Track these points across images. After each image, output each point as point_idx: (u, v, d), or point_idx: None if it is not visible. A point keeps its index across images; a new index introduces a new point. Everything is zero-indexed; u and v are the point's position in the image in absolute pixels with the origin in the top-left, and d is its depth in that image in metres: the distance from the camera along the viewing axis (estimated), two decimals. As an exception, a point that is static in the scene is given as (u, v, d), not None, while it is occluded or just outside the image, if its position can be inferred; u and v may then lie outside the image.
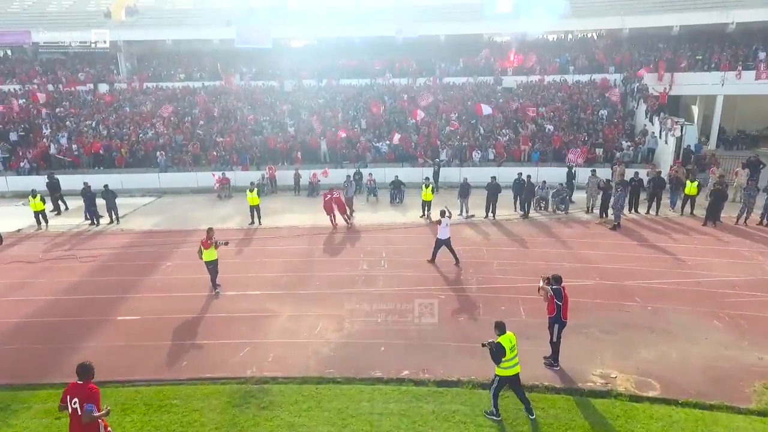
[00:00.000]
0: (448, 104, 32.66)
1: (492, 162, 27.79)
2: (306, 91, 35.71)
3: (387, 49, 38.74)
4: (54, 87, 37.21)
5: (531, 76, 36.16)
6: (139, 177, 27.26)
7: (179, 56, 40.09)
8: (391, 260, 15.91)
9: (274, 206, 22.99)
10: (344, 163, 28.03)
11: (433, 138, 28.69)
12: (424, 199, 20.33)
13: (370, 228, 19.48)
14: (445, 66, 37.64)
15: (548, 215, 20.71)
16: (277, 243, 17.97)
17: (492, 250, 16.66)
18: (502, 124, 30.32)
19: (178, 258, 16.55)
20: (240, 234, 19.02)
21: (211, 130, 30.52)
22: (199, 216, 21.67)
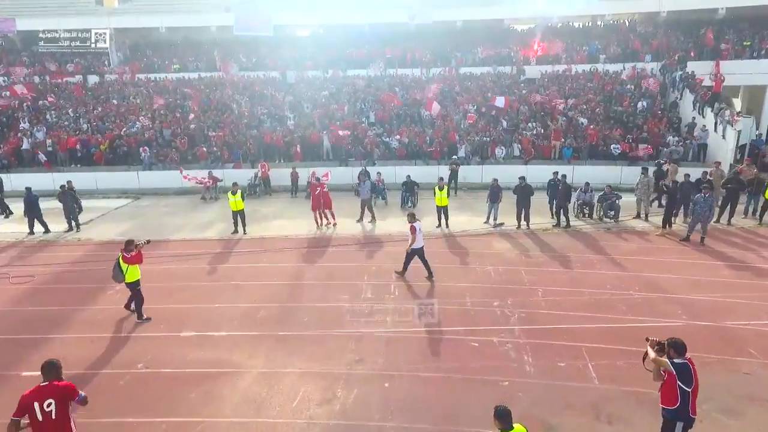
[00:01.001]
0: (466, 96, 28.66)
1: (517, 159, 23.77)
2: (310, 83, 31.89)
3: (398, 37, 34.80)
4: (41, 78, 33.78)
5: (557, 65, 32.07)
6: (116, 176, 23.59)
7: (174, 45, 36.46)
8: (402, 285, 12.01)
9: (266, 210, 19.18)
10: (349, 161, 24.16)
11: (451, 132, 24.71)
12: (438, 204, 16.40)
13: (377, 239, 15.60)
14: (462, 55, 33.60)
15: (593, 223, 16.68)
16: (260, 258, 14.15)
17: (532, 271, 12.68)
18: (528, 116, 26.26)
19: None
20: (217, 246, 15.23)
21: (203, 124, 26.79)
22: (175, 222, 17.92)
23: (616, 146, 22.98)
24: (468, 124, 25.87)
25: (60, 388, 5.49)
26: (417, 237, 11.89)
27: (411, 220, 12.07)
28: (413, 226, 11.88)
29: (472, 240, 15.26)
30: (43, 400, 5.37)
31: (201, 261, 13.92)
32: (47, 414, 5.36)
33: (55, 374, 5.57)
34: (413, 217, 12.25)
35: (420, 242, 12.01)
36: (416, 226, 11.90)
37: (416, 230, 11.86)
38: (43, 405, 5.36)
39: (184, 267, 13.46)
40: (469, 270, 12.83)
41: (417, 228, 11.90)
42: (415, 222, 11.97)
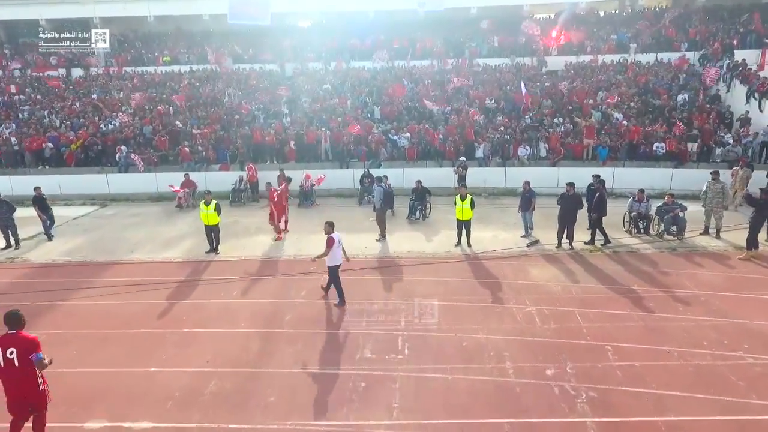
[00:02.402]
0: (481, 89, 25.04)
1: (544, 160, 20.16)
2: (310, 76, 28.38)
3: (407, 26, 31.22)
4: (21, 72, 30.55)
5: (581, 55, 28.36)
6: (84, 180, 20.19)
7: (164, 37, 33.04)
8: (414, 338, 8.49)
9: (248, 222, 15.71)
10: (351, 162, 20.64)
11: (467, 129, 21.10)
12: (459, 218, 12.83)
13: (379, 264, 12.07)
14: (476, 45, 29.90)
15: (652, 241, 13.03)
16: (229, 290, 10.66)
17: (591, 315, 9.10)
18: (554, 111, 22.60)
19: (55, 322, 9.36)
20: (179, 271, 11.76)
21: (188, 119, 23.38)
22: (138, 237, 14.47)
23: (660, 145, 19.27)
24: (485, 120, 22.29)
25: (22, 339, 5.58)
26: (335, 251, 9.49)
27: (329, 229, 9.60)
28: (331, 237, 9.49)
29: (502, 265, 11.69)
30: (6, 348, 5.49)
31: (152, 294, 10.47)
32: (9, 361, 5.47)
33: (19, 324, 5.66)
34: (331, 226, 9.65)
35: (338, 258, 9.62)
36: (335, 238, 9.50)
37: (335, 242, 9.45)
38: (6, 352, 5.47)
39: (127, 304, 10.02)
40: (504, 312, 9.27)
41: (336, 240, 9.50)
42: (333, 233, 9.52)
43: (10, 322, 5.63)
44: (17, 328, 5.64)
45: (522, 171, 19.17)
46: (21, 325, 5.69)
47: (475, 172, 19.13)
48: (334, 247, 9.46)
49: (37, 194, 14.52)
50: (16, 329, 5.63)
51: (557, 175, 18.43)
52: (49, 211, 14.61)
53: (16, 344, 5.51)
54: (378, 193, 13.53)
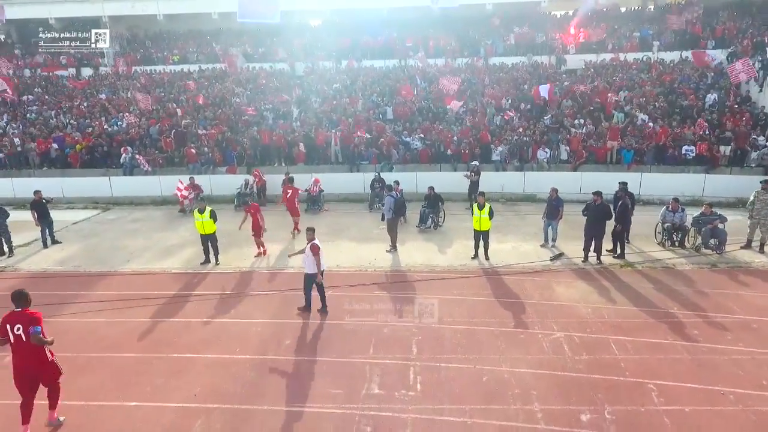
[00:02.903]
0: (497, 89, 23.87)
1: (564, 163, 18.97)
2: (321, 75, 27.43)
3: (420, 23, 30.13)
4: (32, 71, 30.07)
5: (602, 53, 27.05)
6: (87, 182, 19.43)
7: (174, 35, 32.34)
8: (428, 371, 7.46)
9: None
10: (362, 165, 19.63)
11: (483, 131, 19.97)
12: (476, 228, 11.75)
13: (389, 278, 11.04)
14: (492, 43, 28.71)
15: (688, 255, 11.83)
16: (226, 307, 9.72)
17: (629, 345, 7.99)
18: (575, 112, 21.37)
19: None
20: (175, 283, 10.85)
21: (195, 120, 22.56)
22: (135, 245, 13.62)
23: (690, 148, 17.99)
24: (504, 121, 21.14)
25: (27, 315, 5.91)
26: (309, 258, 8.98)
27: (311, 236, 9.10)
28: (315, 244, 9.00)
29: (524, 281, 10.60)
30: (14, 324, 5.85)
31: (143, 311, 9.58)
32: (18, 336, 5.85)
33: (25, 302, 5.98)
34: (313, 232, 9.18)
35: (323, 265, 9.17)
36: (319, 245, 9.06)
37: (320, 249, 9.01)
38: (14, 328, 5.84)
39: (115, 323, 9.14)
40: (528, 339, 8.20)
41: (321, 246, 9.11)
42: (313, 238, 9.08)
43: (17, 300, 5.99)
44: (23, 306, 5.99)
45: (542, 175, 18.07)
46: (27, 303, 6.03)
47: (491, 176, 18.03)
48: (321, 254, 9.01)
49: (37, 198, 13.77)
50: (22, 307, 5.98)
51: (580, 180, 17.29)
52: (48, 218, 13.86)
53: (22, 320, 5.88)
54: (388, 203, 12.44)
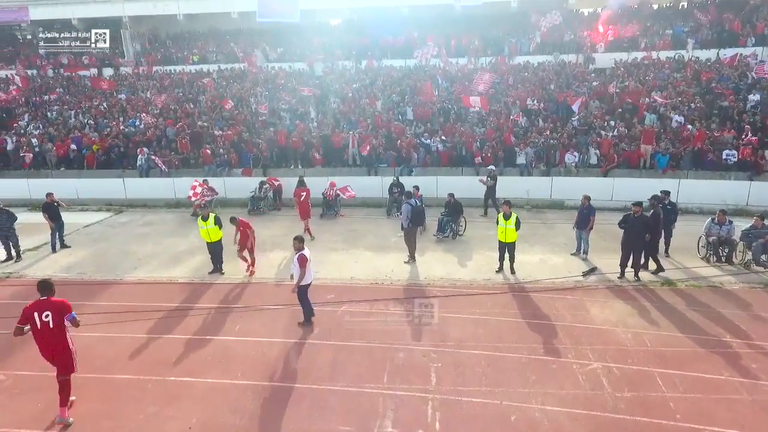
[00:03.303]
0: (522, 89, 22.79)
1: (594, 168, 17.82)
2: (340, 75, 26.72)
3: (442, 21, 29.17)
4: (55, 71, 30.07)
5: (633, 52, 25.72)
6: (101, 184, 19.02)
7: (194, 35, 32.02)
8: (448, 405, 6.59)
9: (265, 234, 14.04)
10: (380, 168, 18.80)
11: (506, 134, 18.95)
12: (501, 240, 10.81)
13: (407, 293, 10.18)
14: (516, 41, 27.61)
15: (736, 272, 10.69)
16: (230, 324, 8.99)
17: (677, 381, 6.99)
18: (604, 112, 20.18)
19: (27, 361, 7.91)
20: (179, 294, 10.17)
21: (212, 121, 22.05)
22: (144, 251, 13.05)
23: (731, 152, 16.69)
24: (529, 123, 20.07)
25: (56, 303, 6.21)
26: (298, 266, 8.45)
27: (299, 246, 8.58)
28: (303, 255, 8.49)
29: (554, 299, 9.64)
30: (42, 311, 6.10)
31: (144, 325, 8.93)
32: (45, 323, 6.10)
33: (50, 291, 6.27)
34: (301, 242, 8.66)
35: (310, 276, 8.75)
36: (307, 255, 8.54)
37: (308, 258, 8.55)
38: (42, 315, 6.09)
39: (113, 337, 8.50)
40: (561, 370, 7.28)
41: (308, 257, 8.60)
42: (304, 249, 8.58)
43: (43, 289, 6.25)
44: (48, 294, 6.24)
45: (570, 181, 16.98)
46: (52, 292, 6.30)
47: (515, 181, 17.05)
48: (308, 265, 8.51)
49: (49, 201, 13.36)
50: (47, 295, 6.22)
51: (612, 186, 16.17)
52: (59, 220, 13.44)
53: (50, 308, 6.14)
54: (405, 211, 11.56)
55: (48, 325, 6.08)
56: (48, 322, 6.07)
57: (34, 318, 6.07)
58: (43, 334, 6.12)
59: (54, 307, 6.12)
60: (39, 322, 6.07)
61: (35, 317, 6.07)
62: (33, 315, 6.09)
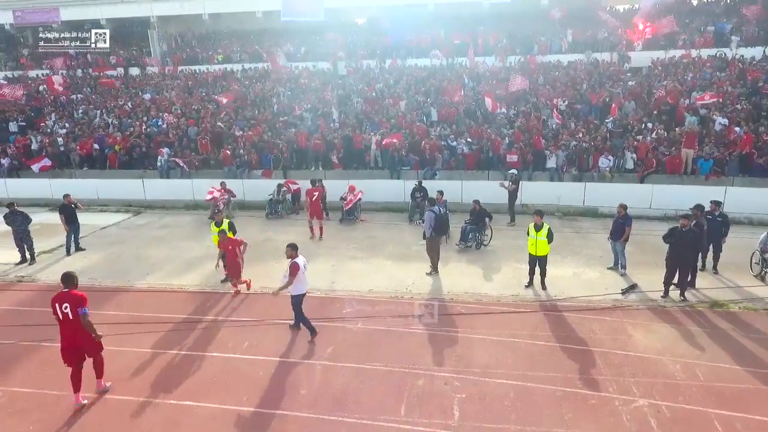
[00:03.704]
0: (551, 89, 21.68)
1: (629, 173, 16.66)
2: (363, 74, 26.04)
3: (469, 19, 28.21)
4: (83, 71, 30.24)
5: (671, 50, 24.28)
6: (121, 185, 18.73)
7: (218, 35, 31.81)
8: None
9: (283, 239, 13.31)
10: (403, 171, 18.03)
11: (535, 136, 17.93)
12: (532, 253, 9.91)
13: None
14: (546, 40, 26.44)
15: (795, 294, 9.59)
16: (236, 340, 8.36)
17: (734, 422, 6.03)
18: (641, 114, 18.95)
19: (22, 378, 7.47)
20: (189, 304, 9.60)
21: (234, 121, 21.65)
22: (158, 255, 12.60)
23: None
24: (556, 125, 19.00)
25: (73, 295, 6.40)
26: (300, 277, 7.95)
27: (292, 253, 8.04)
28: (296, 263, 7.93)
29: (590, 321, 8.72)
30: (62, 303, 6.34)
31: (148, 339, 8.39)
32: (65, 314, 6.34)
33: (72, 283, 6.53)
34: (294, 249, 8.07)
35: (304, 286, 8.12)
36: (300, 263, 7.95)
37: (300, 269, 7.91)
38: (61, 306, 6.33)
39: (116, 353, 7.92)
40: (603, 407, 6.39)
41: (301, 266, 7.96)
42: (298, 257, 8.00)
43: (65, 281, 6.50)
44: (70, 287, 6.48)
45: (604, 187, 15.86)
46: (74, 285, 6.55)
47: (546, 187, 16.08)
48: (300, 274, 7.88)
49: (66, 202, 13.08)
50: (69, 287, 6.46)
51: (650, 194, 15.03)
52: (75, 222, 13.14)
53: (69, 300, 6.34)
54: (429, 219, 10.73)
55: (68, 317, 6.35)
56: (67, 314, 6.33)
57: (56, 309, 6.37)
58: (64, 324, 6.40)
59: (72, 299, 6.36)
60: (60, 313, 6.35)
61: (57, 308, 6.36)
62: (55, 306, 6.38)
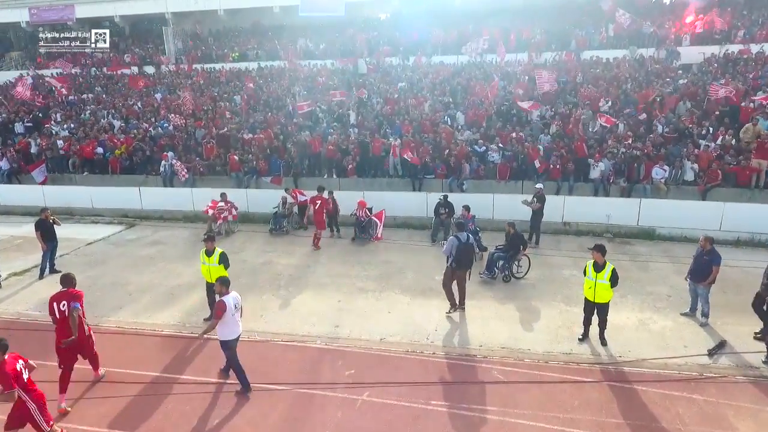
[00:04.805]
0: (593, 88, 19.14)
1: (689, 185, 14.08)
2: (385, 73, 23.90)
3: (499, 13, 25.75)
4: (98, 70, 28.90)
5: (727, 44, 21.43)
6: (115, 193, 16.97)
7: (234, 32, 30.06)
8: None
9: (285, 263, 11.43)
10: (425, 181, 15.82)
11: (578, 142, 15.48)
12: (589, 298, 7.60)
13: (453, 372, 7.20)
14: (584, 34, 23.81)
15: None
16: (214, 412, 6.36)
17: None
18: (693, 118, 16.28)
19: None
20: (161, 353, 7.65)
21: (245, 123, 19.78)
22: (142, 280, 10.69)
23: None
24: (602, 127, 16.52)
25: (70, 294, 6.51)
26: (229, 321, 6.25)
27: (221, 290, 6.35)
28: (222, 302, 6.21)
29: (674, 399, 6.39)
30: (60, 301, 6.43)
31: (93, 410, 6.46)
32: (62, 312, 6.40)
33: (69, 283, 6.61)
34: (225, 285, 6.39)
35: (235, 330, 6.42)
36: (228, 302, 6.22)
37: (227, 308, 6.18)
38: (59, 305, 6.42)
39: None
40: None
41: (230, 305, 6.23)
42: (228, 293, 6.34)
43: (64, 281, 6.64)
44: (69, 287, 6.60)
45: (662, 204, 13.30)
46: (72, 285, 6.65)
47: (592, 203, 13.67)
48: (227, 315, 6.16)
49: (44, 217, 11.31)
50: (66, 287, 6.59)
51: (720, 213, 12.45)
52: (53, 241, 11.39)
53: (66, 298, 6.45)
54: (450, 246, 8.45)
55: (64, 314, 6.40)
56: (64, 311, 6.40)
57: (53, 308, 6.43)
58: (61, 323, 6.43)
59: (68, 298, 6.43)
60: (57, 311, 6.42)
61: (54, 307, 6.43)
62: (53, 305, 6.45)
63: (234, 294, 6.47)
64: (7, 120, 22.52)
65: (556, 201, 13.66)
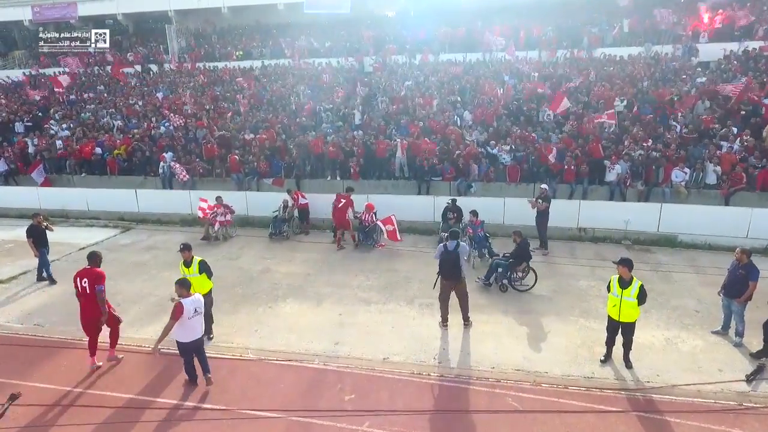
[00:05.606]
0: (608, 87, 18.33)
1: (710, 189, 13.27)
2: (392, 71, 23.21)
3: (509, 10, 24.99)
4: (101, 69, 28.44)
5: (747, 41, 20.54)
6: (113, 195, 16.41)
7: (238, 29, 29.46)
8: None
9: (284, 271, 10.79)
10: (433, 183, 15.11)
11: (593, 143, 14.69)
12: (612, 317, 6.86)
13: (462, 399, 6.51)
14: (598, 31, 22.98)
15: None
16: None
17: None
18: (713, 118, 15.43)
19: None
20: (140, 375, 6.99)
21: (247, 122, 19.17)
22: (130, 290, 10.09)
23: None
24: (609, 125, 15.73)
25: (93, 272, 6.91)
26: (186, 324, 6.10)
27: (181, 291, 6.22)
28: (180, 304, 6.09)
29: (705, 427, 5.66)
30: (82, 278, 6.88)
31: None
32: (83, 288, 6.87)
33: (93, 262, 7.04)
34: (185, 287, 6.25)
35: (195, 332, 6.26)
36: (186, 305, 6.09)
37: (184, 311, 6.06)
38: (81, 281, 6.88)
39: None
40: None
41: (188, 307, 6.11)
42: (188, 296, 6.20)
43: (90, 259, 7.07)
44: (93, 265, 7.00)
45: (683, 209, 12.51)
46: (97, 263, 7.06)
47: (608, 207, 12.89)
48: (183, 318, 6.06)
49: (35, 223, 10.77)
50: (91, 265, 7.00)
51: (747, 219, 11.64)
52: (45, 247, 10.84)
53: (88, 276, 6.85)
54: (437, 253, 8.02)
55: (85, 290, 6.81)
56: (85, 287, 6.80)
57: (76, 282, 6.88)
58: (82, 297, 6.88)
59: (90, 276, 6.82)
60: (79, 286, 6.86)
61: (77, 282, 6.86)
62: (76, 280, 6.89)
63: (195, 297, 6.39)
64: (7, 120, 22.09)
65: (571, 205, 12.92)
